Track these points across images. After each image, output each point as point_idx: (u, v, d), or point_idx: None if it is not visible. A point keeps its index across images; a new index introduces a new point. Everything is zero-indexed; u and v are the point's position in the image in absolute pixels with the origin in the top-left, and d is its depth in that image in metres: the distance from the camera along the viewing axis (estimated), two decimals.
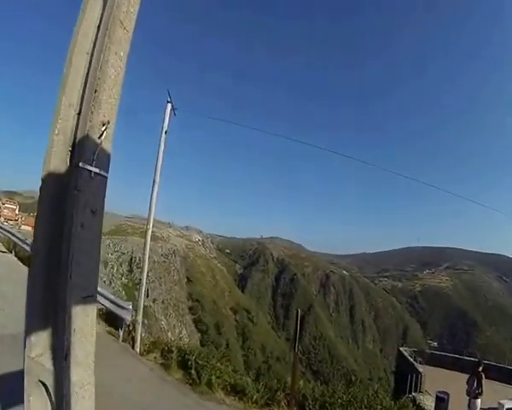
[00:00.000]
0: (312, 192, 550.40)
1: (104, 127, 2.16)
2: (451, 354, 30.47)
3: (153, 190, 9.75)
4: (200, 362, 8.12)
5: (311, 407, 7.67)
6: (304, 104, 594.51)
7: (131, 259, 62.53)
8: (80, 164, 2.07)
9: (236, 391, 7.90)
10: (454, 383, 19.46)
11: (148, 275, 67.00)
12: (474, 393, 10.19)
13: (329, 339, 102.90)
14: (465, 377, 21.81)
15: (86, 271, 2.14)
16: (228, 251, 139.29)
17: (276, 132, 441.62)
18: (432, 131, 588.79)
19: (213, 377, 7.88)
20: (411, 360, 22.38)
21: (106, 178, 2.24)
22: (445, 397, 7.28)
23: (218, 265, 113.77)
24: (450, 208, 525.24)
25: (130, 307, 9.42)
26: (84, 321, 2.12)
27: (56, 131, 2.22)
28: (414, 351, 28.28)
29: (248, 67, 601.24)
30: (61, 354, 2.05)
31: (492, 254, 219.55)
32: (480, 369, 10.67)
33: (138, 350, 8.98)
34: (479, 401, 10.20)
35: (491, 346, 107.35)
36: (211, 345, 67.51)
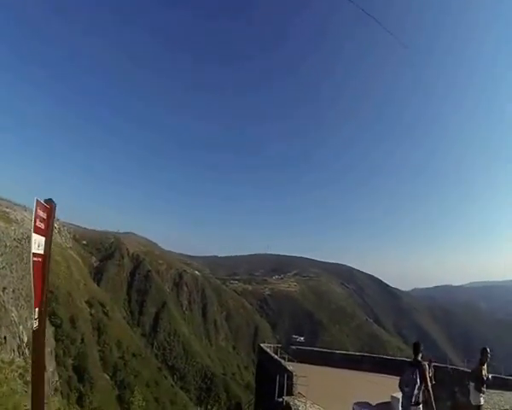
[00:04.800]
0: (167, 189, 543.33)
1: None
2: (322, 349, 29.09)
3: None
4: None
5: None
6: None
7: None
8: None
9: None
10: (332, 381, 18.73)
11: None
12: (416, 397, 5.92)
13: (183, 336, 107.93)
14: (341, 372, 20.99)
15: None
16: (85, 242, 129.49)
17: None
18: None
19: None
20: (277, 357, 19.33)
21: None
22: None
23: (74, 255, 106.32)
24: (298, 218, 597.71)
25: None
26: None
27: None
28: (278, 347, 25.62)
29: None
30: None
31: (335, 263, 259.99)
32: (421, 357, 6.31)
33: None
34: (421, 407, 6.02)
35: (336, 342, 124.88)
36: (66, 340, 64.24)
